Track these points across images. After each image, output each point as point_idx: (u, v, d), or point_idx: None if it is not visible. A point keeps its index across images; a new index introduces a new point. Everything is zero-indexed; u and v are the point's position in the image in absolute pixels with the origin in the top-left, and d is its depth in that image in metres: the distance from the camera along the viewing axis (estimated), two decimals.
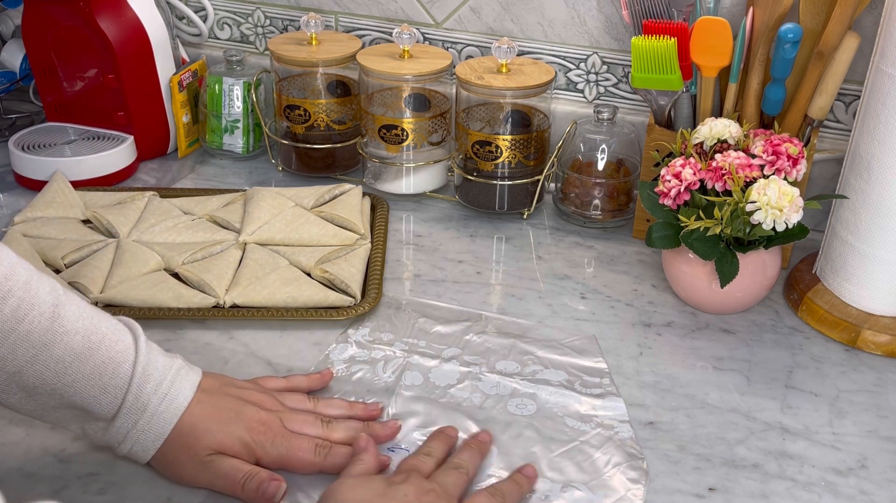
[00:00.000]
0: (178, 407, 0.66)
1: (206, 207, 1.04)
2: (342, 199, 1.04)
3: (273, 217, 1.00)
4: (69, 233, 0.98)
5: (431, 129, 1.10)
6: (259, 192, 1.03)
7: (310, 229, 0.99)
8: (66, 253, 0.93)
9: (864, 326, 0.87)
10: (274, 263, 0.93)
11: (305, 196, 1.05)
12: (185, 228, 0.99)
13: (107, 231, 0.99)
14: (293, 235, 0.98)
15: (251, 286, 0.90)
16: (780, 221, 0.81)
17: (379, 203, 1.08)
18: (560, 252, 1.03)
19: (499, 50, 1.03)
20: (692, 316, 0.92)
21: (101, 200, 1.04)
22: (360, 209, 1.03)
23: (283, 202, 1.02)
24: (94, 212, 1.01)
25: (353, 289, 0.90)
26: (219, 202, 1.05)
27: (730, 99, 0.95)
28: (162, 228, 0.99)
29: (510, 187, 1.07)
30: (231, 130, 1.20)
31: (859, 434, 0.76)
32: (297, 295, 0.89)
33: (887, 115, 0.82)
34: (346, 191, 1.06)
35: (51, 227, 0.98)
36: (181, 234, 0.99)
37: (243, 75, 1.19)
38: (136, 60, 1.15)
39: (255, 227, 0.98)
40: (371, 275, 0.94)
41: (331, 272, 0.91)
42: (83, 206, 1.03)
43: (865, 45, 0.91)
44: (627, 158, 1.07)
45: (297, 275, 0.92)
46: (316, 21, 1.12)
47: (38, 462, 0.71)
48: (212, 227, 1.00)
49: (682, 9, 0.98)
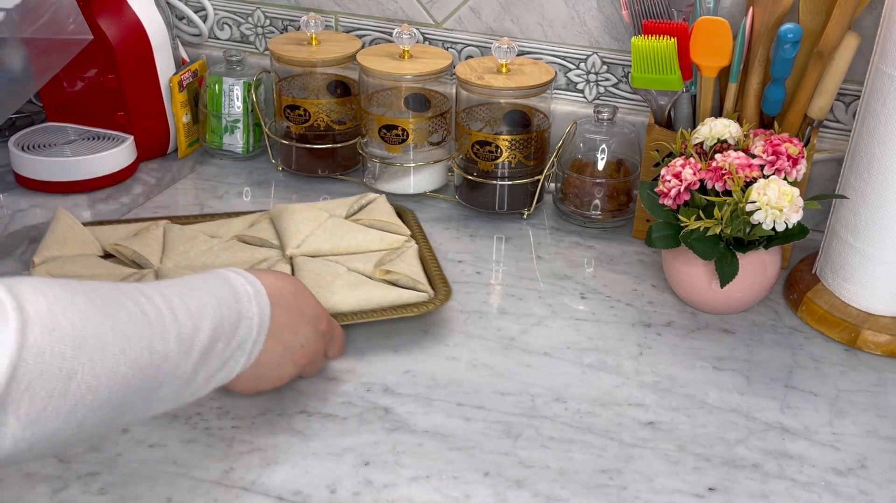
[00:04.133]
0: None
1: (230, 230, 0.99)
2: (373, 207, 1.02)
3: (314, 229, 0.97)
4: (97, 268, 0.91)
5: (431, 129, 1.10)
6: (288, 209, 0.99)
7: (356, 236, 0.96)
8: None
9: (864, 326, 0.87)
10: (333, 271, 0.90)
11: (335, 207, 1.02)
12: (221, 251, 0.94)
13: (134, 263, 0.93)
14: (341, 244, 0.95)
15: (319, 294, 0.84)
16: (780, 221, 0.81)
17: (403, 210, 1.05)
18: (560, 252, 1.03)
19: (499, 50, 1.03)
20: (692, 316, 0.92)
21: (113, 233, 0.98)
22: (394, 214, 1.01)
23: (318, 214, 0.99)
24: (114, 245, 0.94)
25: (423, 285, 0.89)
26: (242, 224, 1.00)
27: (730, 99, 0.96)
28: (197, 253, 0.94)
29: (510, 187, 1.07)
30: (231, 130, 1.20)
31: (859, 434, 0.76)
32: (369, 297, 0.87)
33: (887, 115, 0.82)
34: (373, 200, 1.04)
35: (75, 265, 0.90)
36: (219, 257, 0.93)
37: (243, 75, 1.19)
38: (136, 60, 1.15)
39: (300, 241, 0.95)
40: (432, 271, 0.92)
41: (395, 272, 0.89)
42: (97, 240, 0.96)
43: (865, 45, 0.91)
44: (627, 158, 1.07)
45: (362, 279, 0.90)
46: (316, 21, 1.12)
47: (38, 462, 0.70)
48: (248, 248, 0.96)
49: (682, 9, 0.98)
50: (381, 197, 1.04)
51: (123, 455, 0.72)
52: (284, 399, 0.78)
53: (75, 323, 0.50)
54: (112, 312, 0.53)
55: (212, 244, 0.95)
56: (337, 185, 1.16)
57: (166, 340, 0.56)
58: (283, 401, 0.78)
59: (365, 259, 0.93)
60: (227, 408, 0.77)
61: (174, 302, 0.59)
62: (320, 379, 0.80)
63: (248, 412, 0.77)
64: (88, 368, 0.50)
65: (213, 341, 0.61)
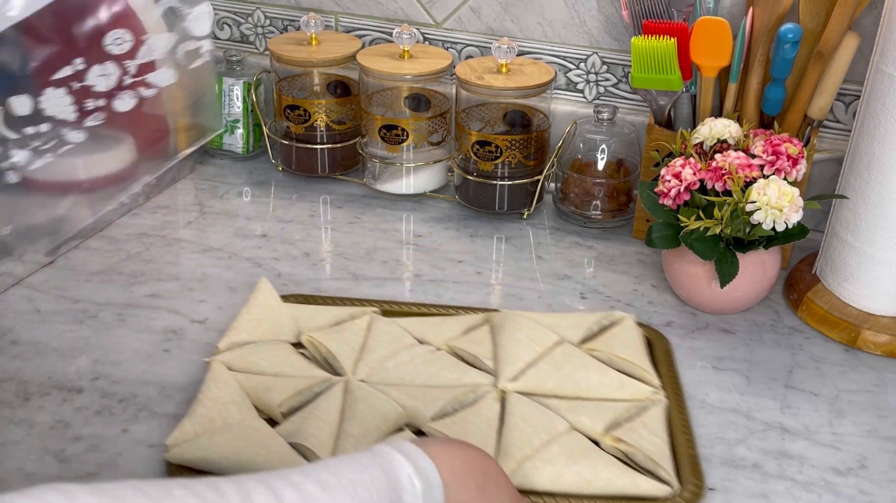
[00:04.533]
0: None
1: (442, 333, 0.84)
2: (616, 332, 0.83)
3: (538, 357, 0.79)
4: (282, 365, 0.79)
5: (431, 129, 1.10)
6: (510, 319, 0.83)
7: (588, 376, 0.77)
8: (283, 399, 0.74)
9: (864, 326, 0.87)
10: (550, 426, 0.72)
11: (568, 326, 0.84)
12: (424, 365, 0.79)
13: (325, 362, 0.81)
14: (568, 385, 0.77)
15: (529, 462, 0.68)
16: (780, 221, 0.81)
17: (656, 337, 0.86)
18: (560, 252, 1.03)
19: (499, 50, 1.03)
20: (692, 316, 0.92)
21: (314, 318, 0.85)
22: (642, 348, 0.82)
23: (543, 335, 0.82)
24: (309, 337, 0.81)
25: (664, 471, 0.68)
26: (458, 326, 0.85)
27: (730, 99, 0.96)
28: (396, 364, 0.79)
29: (510, 187, 1.07)
30: (231, 130, 1.20)
31: (859, 434, 0.76)
32: (591, 477, 0.67)
33: (887, 115, 0.82)
34: (618, 320, 0.85)
35: (260, 357, 0.79)
36: (420, 374, 0.78)
37: (243, 75, 1.19)
38: None
39: (517, 371, 0.78)
40: (680, 449, 0.72)
41: (629, 443, 0.70)
42: (295, 324, 0.84)
43: (865, 45, 0.91)
44: (627, 158, 1.07)
45: (586, 445, 0.71)
46: (316, 21, 1.12)
47: (38, 462, 0.71)
48: (457, 365, 0.80)
49: (682, 9, 0.98)
50: (629, 319, 0.85)
51: (123, 455, 0.72)
52: None
53: None
54: None
55: (415, 354, 0.80)
56: (337, 185, 1.16)
57: None
58: None
59: (595, 412, 0.74)
60: None
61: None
62: None
63: None
64: None
65: None
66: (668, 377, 0.79)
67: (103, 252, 1.00)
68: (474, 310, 0.88)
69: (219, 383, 0.75)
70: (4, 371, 0.81)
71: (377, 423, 0.71)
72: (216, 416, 0.72)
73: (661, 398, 0.76)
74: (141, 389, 0.79)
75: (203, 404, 0.73)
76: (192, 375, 0.81)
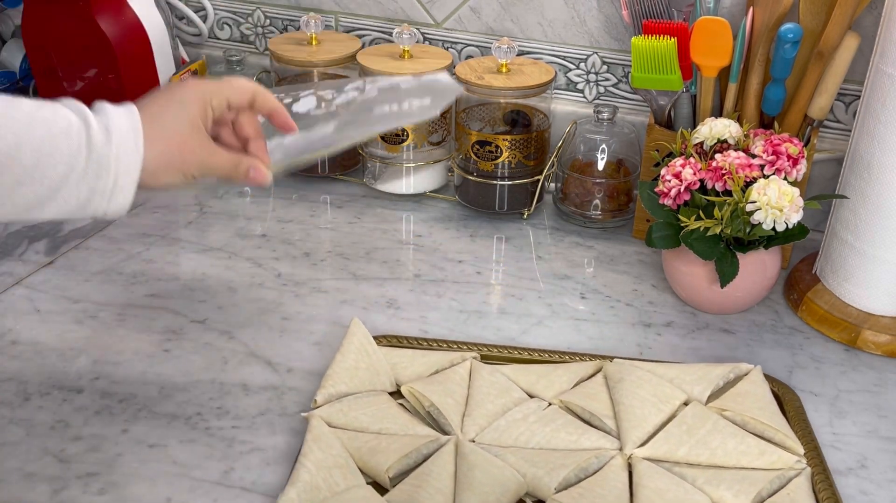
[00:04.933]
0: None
1: (552, 385, 0.78)
2: (745, 389, 0.77)
3: (665, 419, 0.73)
4: (385, 420, 0.73)
5: (431, 129, 1.10)
6: (628, 372, 0.77)
7: (724, 443, 0.70)
8: (390, 463, 0.68)
9: (864, 326, 0.87)
10: (689, 501, 0.66)
11: (692, 381, 0.77)
12: (538, 423, 0.73)
13: (429, 416, 0.75)
14: (702, 452, 0.70)
15: None
16: (780, 221, 0.81)
17: (784, 391, 0.79)
18: (560, 252, 1.03)
19: (499, 50, 1.03)
20: (692, 316, 0.92)
21: (412, 364, 0.80)
22: (776, 408, 0.75)
23: (669, 392, 0.75)
24: (410, 389, 0.76)
25: None
26: (567, 378, 0.78)
27: (730, 99, 0.95)
28: (508, 422, 0.73)
29: (510, 187, 1.07)
30: None
31: (859, 434, 0.76)
32: None
33: (887, 115, 0.82)
34: (744, 373, 0.80)
35: (360, 412, 0.74)
36: (535, 434, 0.72)
37: (243, 75, 1.19)
38: (136, 60, 1.15)
39: (644, 435, 0.72)
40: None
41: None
42: (391, 371, 0.79)
43: (865, 45, 0.91)
44: (627, 158, 1.07)
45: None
46: (316, 21, 1.12)
47: (38, 462, 0.71)
48: (574, 424, 0.74)
49: (682, 9, 0.98)
50: (756, 372, 0.79)
51: (123, 455, 0.72)
52: (284, 398, 0.78)
53: None
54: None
55: (528, 411, 0.75)
56: (337, 185, 1.16)
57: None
58: (283, 400, 0.78)
59: (736, 484, 0.67)
60: (228, 408, 0.77)
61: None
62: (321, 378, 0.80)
63: (248, 412, 0.77)
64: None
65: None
66: (805, 440, 0.72)
67: (103, 252, 1.00)
68: (583, 355, 0.82)
69: (321, 444, 0.70)
70: (4, 371, 0.81)
71: (497, 495, 0.66)
72: (321, 484, 0.66)
73: (804, 468, 0.69)
74: (141, 389, 0.79)
75: (307, 469, 0.67)
76: (191, 375, 0.81)
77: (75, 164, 0.60)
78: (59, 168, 0.59)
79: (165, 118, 0.64)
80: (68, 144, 0.59)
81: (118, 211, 0.63)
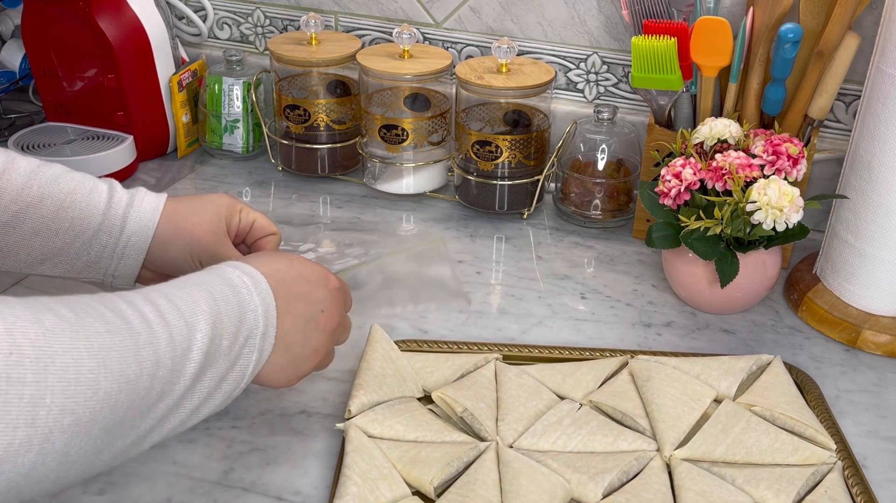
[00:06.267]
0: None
1: (579, 384, 0.77)
2: (769, 382, 0.77)
3: (700, 418, 0.73)
4: (420, 428, 0.72)
5: (431, 129, 1.10)
6: (655, 370, 0.77)
7: (759, 441, 0.70)
8: (433, 473, 0.67)
9: (865, 326, 0.87)
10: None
11: (717, 376, 0.77)
12: (573, 426, 0.73)
13: (461, 421, 0.74)
14: (738, 451, 0.70)
15: None
16: (781, 221, 0.81)
17: (804, 380, 0.80)
18: (560, 252, 1.03)
19: (499, 50, 1.03)
20: (692, 316, 0.92)
21: (437, 369, 0.79)
22: (802, 401, 0.75)
23: (699, 390, 0.75)
24: (441, 395, 0.75)
25: None
26: (593, 376, 0.78)
27: (730, 99, 0.95)
28: (544, 427, 0.73)
29: (510, 187, 1.07)
30: (231, 130, 1.20)
31: (859, 434, 0.76)
32: None
33: (887, 115, 0.82)
34: (765, 364, 0.80)
35: (395, 420, 0.72)
36: (572, 438, 0.72)
37: (243, 75, 1.19)
38: (135, 60, 1.15)
39: (679, 435, 0.71)
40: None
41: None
42: (417, 376, 0.78)
43: (865, 45, 0.91)
44: (627, 158, 1.07)
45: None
46: (316, 21, 1.12)
47: None
48: (608, 425, 0.73)
49: (682, 9, 0.98)
50: (777, 362, 0.80)
51: None
52: (284, 399, 0.78)
53: (38, 343, 0.45)
54: (85, 325, 0.48)
55: (561, 414, 0.74)
56: (337, 185, 1.16)
57: (156, 345, 0.51)
58: (283, 400, 0.78)
59: (774, 483, 0.67)
60: (227, 408, 0.77)
61: (161, 303, 0.54)
62: (320, 379, 0.80)
63: (248, 412, 0.77)
64: (59, 390, 0.45)
65: (215, 339, 0.56)
66: (832, 432, 0.73)
67: None
68: (602, 351, 0.82)
69: (363, 454, 0.69)
70: None
71: (544, 502, 0.65)
72: (369, 495, 0.65)
73: (836, 463, 0.70)
74: None
75: (354, 482, 0.66)
76: None
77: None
78: None
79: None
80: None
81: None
